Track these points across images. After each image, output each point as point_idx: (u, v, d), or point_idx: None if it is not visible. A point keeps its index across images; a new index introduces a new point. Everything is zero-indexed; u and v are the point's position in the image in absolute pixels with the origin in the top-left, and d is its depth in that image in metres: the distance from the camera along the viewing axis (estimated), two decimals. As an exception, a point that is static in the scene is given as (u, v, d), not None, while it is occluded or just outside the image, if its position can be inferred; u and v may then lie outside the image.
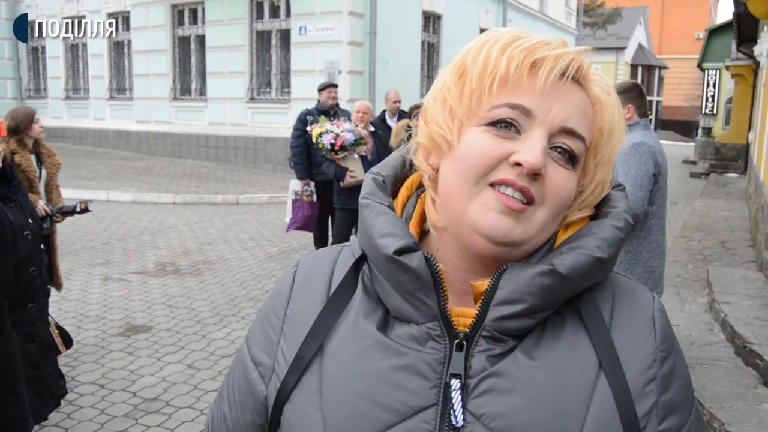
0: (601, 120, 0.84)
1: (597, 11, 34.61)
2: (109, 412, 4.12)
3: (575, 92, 0.82)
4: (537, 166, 0.76)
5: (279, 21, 15.36)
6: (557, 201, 0.80)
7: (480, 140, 0.80)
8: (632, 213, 0.92)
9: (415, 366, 0.79)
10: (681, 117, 49.55)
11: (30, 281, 2.80)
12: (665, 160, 3.80)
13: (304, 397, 0.83)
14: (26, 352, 2.77)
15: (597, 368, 0.79)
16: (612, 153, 0.86)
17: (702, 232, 9.94)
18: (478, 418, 0.77)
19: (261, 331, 0.92)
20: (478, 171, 0.79)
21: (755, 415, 3.95)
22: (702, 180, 19.04)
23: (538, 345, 0.80)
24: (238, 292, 6.75)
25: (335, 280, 0.90)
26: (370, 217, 0.85)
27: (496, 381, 0.77)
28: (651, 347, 0.82)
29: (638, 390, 0.79)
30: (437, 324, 0.81)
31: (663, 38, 57.80)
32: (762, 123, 12.25)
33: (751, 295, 6.03)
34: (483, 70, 0.80)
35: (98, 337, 5.41)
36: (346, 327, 0.85)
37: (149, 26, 17.42)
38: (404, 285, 0.81)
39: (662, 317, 0.85)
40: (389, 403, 0.78)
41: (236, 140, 16.13)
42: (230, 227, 10.21)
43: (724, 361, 4.82)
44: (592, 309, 0.82)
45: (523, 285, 0.78)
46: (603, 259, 0.80)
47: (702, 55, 26.50)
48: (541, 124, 0.79)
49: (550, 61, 0.79)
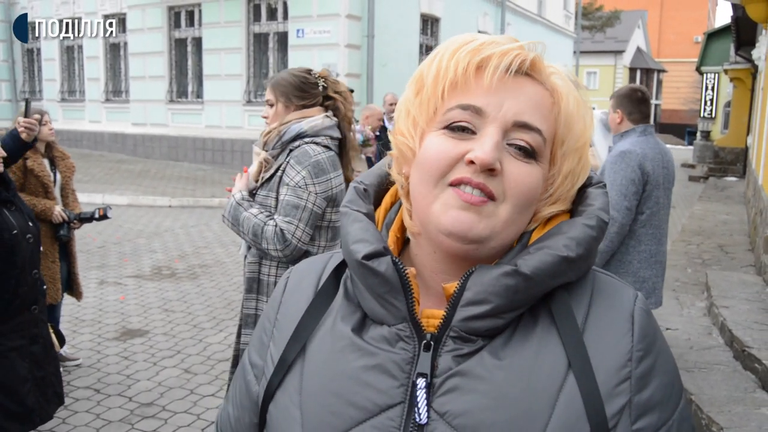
0: (558, 109, 0.85)
1: (595, 14, 34.72)
2: (104, 417, 4.09)
3: (527, 86, 0.84)
4: (487, 162, 0.78)
5: (276, 23, 15.35)
6: (518, 195, 0.81)
7: (436, 143, 0.83)
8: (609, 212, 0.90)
9: (384, 366, 0.82)
10: (679, 120, 49.64)
11: (33, 283, 2.81)
12: (665, 168, 3.74)
13: (286, 396, 0.88)
14: (31, 354, 2.78)
15: (566, 368, 0.79)
16: (578, 142, 0.86)
17: (701, 236, 9.94)
18: (442, 415, 0.79)
19: (257, 335, 0.98)
20: (436, 173, 0.82)
21: (754, 419, 3.94)
22: (701, 184, 19.06)
23: (506, 345, 0.81)
24: (235, 296, 6.71)
25: (321, 286, 0.94)
26: (346, 224, 0.89)
27: (460, 380, 0.79)
28: (626, 346, 0.81)
29: (609, 389, 0.79)
30: (406, 325, 0.83)
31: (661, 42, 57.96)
32: (761, 127, 12.26)
33: (749, 299, 6.02)
34: (435, 77, 0.85)
35: (94, 341, 5.38)
36: (326, 329, 0.89)
37: (145, 28, 17.39)
38: (375, 288, 0.84)
39: (643, 316, 0.84)
40: (359, 401, 0.81)
41: (233, 143, 16.11)
42: (227, 231, 10.13)
43: (722, 365, 4.80)
44: (563, 308, 0.83)
45: (488, 286, 0.80)
46: (570, 258, 0.81)
47: (700, 58, 26.55)
48: (494, 120, 0.81)
49: (495, 59, 0.81)
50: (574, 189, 0.88)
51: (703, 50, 26.44)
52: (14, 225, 2.69)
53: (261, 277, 2.82)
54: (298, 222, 2.68)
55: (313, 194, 2.71)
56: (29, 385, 2.74)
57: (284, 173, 2.74)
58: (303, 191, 2.70)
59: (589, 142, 0.87)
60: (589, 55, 41.35)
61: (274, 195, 2.76)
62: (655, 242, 3.72)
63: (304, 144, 2.76)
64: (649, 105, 3.88)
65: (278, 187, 2.75)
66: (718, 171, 20.51)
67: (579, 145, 0.86)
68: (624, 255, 3.68)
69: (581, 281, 0.86)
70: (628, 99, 3.82)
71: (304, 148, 2.75)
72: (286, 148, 2.79)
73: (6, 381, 2.67)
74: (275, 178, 2.77)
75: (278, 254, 2.70)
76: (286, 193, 2.71)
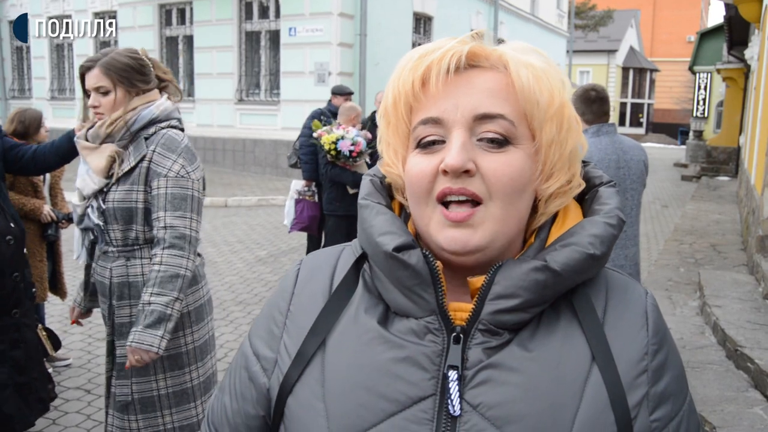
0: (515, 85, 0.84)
1: (588, 13, 34.78)
2: (95, 418, 4.06)
3: (476, 77, 0.84)
4: (456, 166, 0.80)
5: (268, 22, 15.30)
6: (503, 188, 0.82)
7: (413, 164, 0.85)
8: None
9: (414, 358, 0.83)
10: (672, 120, 49.81)
11: (14, 287, 2.74)
12: (621, 168, 3.52)
13: (307, 389, 0.87)
14: (12, 359, 2.71)
15: (590, 360, 0.82)
16: (548, 111, 0.85)
17: (693, 235, 9.96)
18: (475, 407, 0.80)
19: (264, 326, 0.96)
20: (421, 192, 0.84)
21: (746, 419, 3.95)
22: (693, 183, 19.11)
23: (533, 338, 0.83)
24: (227, 296, 6.68)
25: (337, 278, 0.94)
26: (369, 217, 0.89)
27: (492, 372, 0.81)
28: (643, 340, 0.85)
29: (630, 381, 0.82)
30: (435, 318, 0.84)
31: (654, 41, 58.15)
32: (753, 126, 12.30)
33: (742, 299, 6.03)
34: (394, 104, 0.88)
35: (84, 341, 5.33)
36: (348, 322, 0.89)
37: (136, 26, 17.31)
38: (403, 281, 0.85)
39: (655, 312, 0.88)
40: (390, 393, 0.82)
41: (224, 142, 16.06)
42: (219, 230, 10.14)
43: (715, 365, 4.81)
44: (585, 303, 0.85)
45: (518, 281, 0.82)
46: (596, 255, 0.83)
47: (693, 58, 26.64)
48: (455, 123, 0.82)
49: (434, 67, 0.83)
50: (564, 158, 0.88)
51: (695, 50, 26.52)
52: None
53: (130, 280, 2.59)
54: (190, 213, 2.56)
55: (194, 181, 2.59)
56: (8, 391, 2.68)
57: (153, 163, 2.53)
58: (186, 180, 2.56)
59: (564, 106, 0.86)
60: (582, 55, 41.43)
61: (140, 188, 2.54)
62: (632, 245, 3.58)
63: (161, 130, 2.58)
64: (604, 103, 3.63)
65: (146, 179, 2.55)
66: (710, 170, 20.57)
67: (551, 113, 0.85)
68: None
69: (596, 277, 0.89)
70: (579, 99, 3.61)
71: (168, 134, 2.58)
72: (137, 137, 2.57)
73: None
74: (139, 170, 2.54)
75: (193, 258, 2.57)
76: (166, 186, 2.51)
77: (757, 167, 9.95)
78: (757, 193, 9.05)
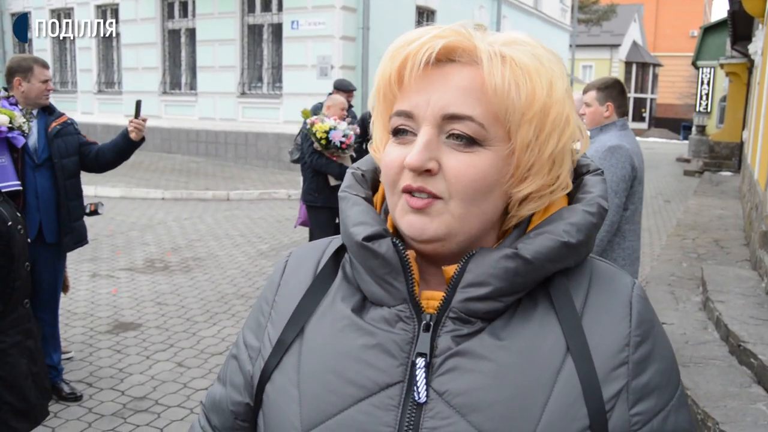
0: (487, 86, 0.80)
1: (592, 8, 34.70)
2: (97, 411, 4.06)
3: (454, 74, 0.82)
4: (415, 166, 0.79)
5: (271, 15, 15.26)
6: (462, 189, 0.80)
7: (388, 152, 0.85)
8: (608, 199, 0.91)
9: (384, 345, 0.83)
10: (675, 115, 49.73)
11: (27, 277, 2.76)
12: (642, 163, 3.68)
13: (284, 375, 0.89)
14: (27, 349, 2.72)
15: (564, 351, 0.81)
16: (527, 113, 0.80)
17: (696, 230, 9.94)
18: (441, 394, 0.80)
19: (254, 317, 0.99)
20: (389, 181, 0.85)
21: (749, 414, 3.94)
22: (696, 178, 19.07)
23: (506, 327, 0.82)
24: (229, 290, 6.68)
25: (320, 269, 0.96)
26: (346, 208, 0.91)
27: (460, 360, 0.80)
28: (624, 331, 0.83)
29: (606, 373, 0.80)
30: (406, 306, 0.85)
31: (657, 36, 58.00)
32: (756, 121, 12.26)
33: (745, 294, 6.02)
34: (377, 90, 0.88)
35: (86, 334, 5.33)
36: (324, 310, 0.90)
37: (138, 19, 17.26)
38: (375, 270, 0.85)
39: (640, 302, 0.86)
40: (358, 379, 0.83)
41: (227, 135, 16.03)
42: (220, 223, 10.13)
43: (718, 360, 4.80)
44: (562, 293, 0.84)
45: (488, 268, 0.81)
46: (571, 243, 0.82)
47: (696, 52, 26.55)
48: (424, 120, 0.81)
49: (410, 60, 0.81)
50: (542, 162, 0.83)
51: (699, 45, 26.43)
52: (7, 216, 2.65)
53: None
54: None
55: None
56: (29, 381, 2.70)
57: None
58: None
59: (549, 107, 0.81)
60: (585, 49, 41.34)
61: None
62: (635, 238, 3.67)
63: None
64: (627, 96, 3.82)
65: None
66: (713, 165, 20.52)
67: (529, 116, 0.81)
68: (610, 253, 3.58)
69: (580, 267, 0.87)
70: (617, 92, 3.70)
71: None
72: None
73: (10, 378, 2.63)
74: None
75: None
76: None
77: (760, 162, 9.92)
78: (760, 188, 9.02)
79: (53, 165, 4.03)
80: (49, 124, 4.06)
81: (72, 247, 4.24)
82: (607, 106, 3.69)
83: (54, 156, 4.03)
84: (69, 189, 4.15)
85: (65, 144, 4.10)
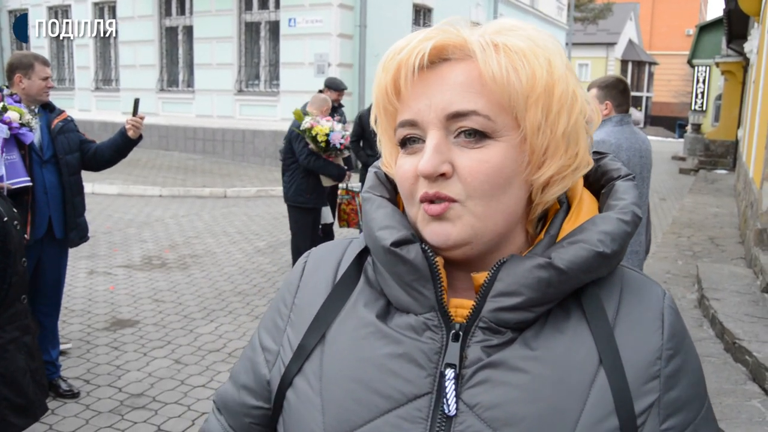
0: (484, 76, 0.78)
1: (588, 6, 34.70)
2: (94, 408, 4.06)
3: (447, 72, 0.79)
4: (427, 172, 0.77)
5: (268, 12, 15.24)
6: (480, 186, 0.78)
7: (400, 165, 0.83)
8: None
9: (411, 354, 0.80)
10: (670, 113, 49.77)
11: (23, 272, 2.76)
12: (642, 157, 3.68)
13: (306, 382, 0.86)
14: (24, 345, 2.73)
15: (597, 363, 0.78)
16: (531, 96, 0.77)
17: (691, 228, 9.97)
18: (472, 407, 0.77)
19: (271, 318, 0.96)
20: (406, 193, 0.82)
21: (744, 411, 3.96)
22: (691, 176, 19.11)
23: (537, 337, 0.79)
24: (226, 287, 6.69)
25: (341, 271, 0.92)
26: (370, 210, 0.87)
27: (491, 372, 0.78)
28: (656, 344, 0.80)
29: (638, 387, 0.78)
30: (434, 314, 0.81)
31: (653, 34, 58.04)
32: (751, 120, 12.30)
33: (740, 292, 6.04)
34: (377, 106, 0.86)
35: (83, 331, 5.34)
36: (347, 316, 0.87)
37: (136, 16, 17.23)
38: (402, 276, 0.82)
39: (672, 314, 0.84)
40: (385, 390, 0.80)
41: (224, 133, 16.02)
42: (218, 221, 10.13)
43: (713, 357, 4.82)
44: (595, 303, 0.81)
45: (521, 278, 0.78)
46: (605, 254, 0.79)
47: (692, 51, 26.60)
48: (429, 124, 0.79)
49: (402, 68, 0.80)
50: (556, 143, 0.80)
51: (694, 43, 26.48)
52: (3, 212, 2.65)
53: None
54: None
55: None
56: (28, 377, 2.71)
57: None
58: None
59: (553, 86, 0.78)
60: (581, 47, 41.34)
61: None
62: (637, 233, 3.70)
63: None
64: (629, 94, 3.84)
65: None
66: (708, 164, 20.57)
67: (533, 98, 0.78)
68: None
69: (610, 276, 0.84)
70: (617, 91, 3.76)
71: None
72: None
73: (8, 374, 2.63)
74: None
75: None
76: None
77: (755, 161, 9.95)
78: (755, 186, 9.05)
79: (58, 161, 4.06)
80: (52, 121, 4.08)
81: (77, 242, 4.26)
82: (606, 104, 3.74)
83: (59, 152, 4.05)
84: (73, 185, 4.18)
85: (68, 141, 4.13)
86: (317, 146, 5.90)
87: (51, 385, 4.02)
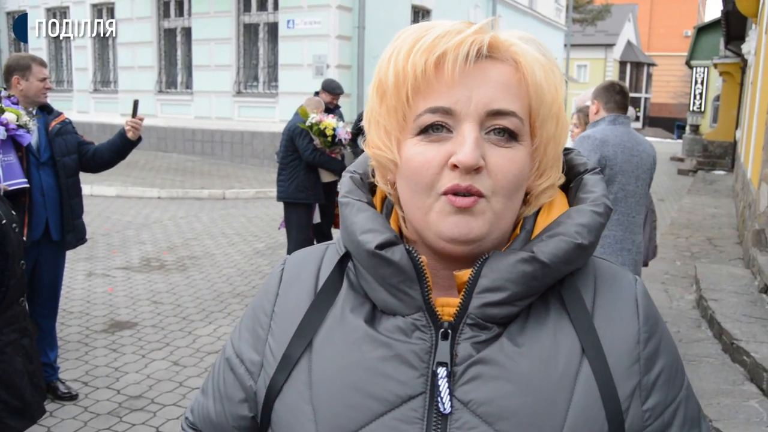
0: (526, 83, 0.82)
1: (586, 7, 34.78)
2: (92, 410, 4.06)
3: (491, 69, 0.81)
4: (471, 164, 0.77)
5: (267, 14, 15.25)
6: (507, 185, 0.80)
7: (418, 152, 0.81)
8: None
9: (402, 356, 0.81)
10: (669, 114, 49.84)
11: (22, 275, 2.76)
12: (635, 156, 3.71)
13: (294, 392, 0.85)
14: (22, 347, 2.72)
15: (580, 353, 0.81)
16: (552, 109, 0.83)
17: (689, 229, 9.98)
18: (466, 404, 0.78)
19: (249, 328, 0.94)
20: (425, 183, 0.80)
21: (742, 412, 3.97)
22: (689, 177, 19.14)
23: (522, 331, 0.81)
24: (225, 288, 6.69)
25: (322, 278, 0.91)
26: (350, 215, 0.86)
27: (482, 368, 0.79)
28: (633, 329, 0.83)
29: (621, 372, 0.81)
30: (422, 315, 0.82)
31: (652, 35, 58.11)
32: (749, 121, 12.30)
33: (738, 292, 6.05)
34: (395, 83, 0.81)
35: (82, 333, 5.34)
36: (333, 322, 0.86)
37: (134, 18, 17.23)
38: (388, 278, 0.82)
39: (645, 298, 0.87)
40: (379, 392, 0.80)
41: (223, 134, 16.02)
42: (216, 222, 10.13)
43: (711, 358, 4.83)
44: (574, 294, 0.84)
45: (505, 273, 0.80)
46: (583, 245, 0.82)
47: (690, 52, 26.66)
48: (467, 116, 0.79)
49: (451, 53, 0.78)
50: (557, 155, 0.87)
51: (693, 44, 26.53)
52: (1, 215, 2.65)
53: None
54: None
55: None
56: (25, 379, 2.70)
57: None
58: None
59: (562, 105, 0.85)
60: (579, 49, 41.37)
61: None
62: (621, 229, 3.72)
63: None
64: (625, 97, 3.93)
65: None
66: (706, 164, 20.60)
67: (554, 110, 0.83)
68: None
69: (584, 267, 0.87)
70: (604, 90, 3.93)
71: None
72: None
73: (6, 376, 2.63)
74: None
75: None
76: None
77: (753, 161, 9.96)
78: (753, 187, 9.06)
79: (55, 163, 4.05)
80: (49, 123, 4.07)
81: (74, 244, 4.26)
82: (595, 104, 3.96)
83: (56, 154, 4.05)
84: (70, 187, 4.17)
85: (65, 142, 4.12)
86: (323, 141, 6.03)
87: (49, 387, 4.01)
